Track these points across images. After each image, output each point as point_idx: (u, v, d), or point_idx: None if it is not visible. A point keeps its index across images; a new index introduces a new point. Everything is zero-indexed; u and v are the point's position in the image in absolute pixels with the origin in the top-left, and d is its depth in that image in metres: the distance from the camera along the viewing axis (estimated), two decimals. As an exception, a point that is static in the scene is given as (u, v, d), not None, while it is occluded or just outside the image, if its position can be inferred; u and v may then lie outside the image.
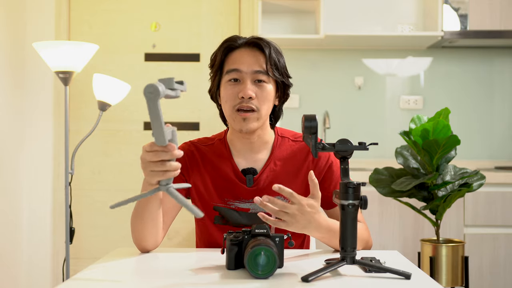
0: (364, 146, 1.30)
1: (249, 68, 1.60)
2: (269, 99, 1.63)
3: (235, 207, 1.64)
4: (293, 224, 1.38)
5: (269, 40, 1.66)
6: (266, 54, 1.61)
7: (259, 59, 1.62)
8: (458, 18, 3.30)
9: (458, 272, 2.26)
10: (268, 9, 3.55)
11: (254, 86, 1.61)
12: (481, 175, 2.29)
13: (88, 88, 3.18)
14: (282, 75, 1.64)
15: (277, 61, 1.63)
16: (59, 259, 3.50)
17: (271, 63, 1.62)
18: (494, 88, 3.65)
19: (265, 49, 1.62)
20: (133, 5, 3.67)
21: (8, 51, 3.21)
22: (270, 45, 1.64)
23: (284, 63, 1.66)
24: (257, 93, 1.60)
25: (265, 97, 1.61)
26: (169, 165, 1.25)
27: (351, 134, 3.59)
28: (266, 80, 1.61)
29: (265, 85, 1.61)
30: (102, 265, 1.41)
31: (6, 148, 3.16)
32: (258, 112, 1.61)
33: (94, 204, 3.63)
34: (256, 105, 1.60)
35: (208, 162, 1.69)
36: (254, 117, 1.61)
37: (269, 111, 1.65)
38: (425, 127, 2.16)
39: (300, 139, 1.72)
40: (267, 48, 1.62)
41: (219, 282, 1.23)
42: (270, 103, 1.64)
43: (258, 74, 1.60)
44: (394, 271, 1.25)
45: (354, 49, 3.65)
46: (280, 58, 1.65)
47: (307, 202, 1.38)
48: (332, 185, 1.67)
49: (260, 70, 1.60)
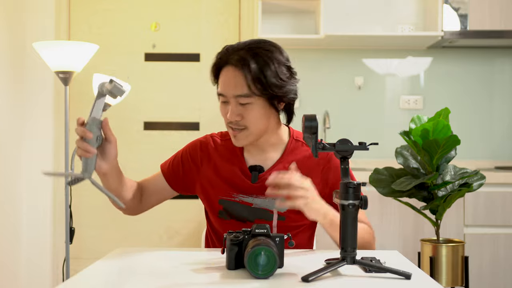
0: (364, 146, 1.30)
1: (231, 92, 1.56)
2: (258, 117, 1.58)
3: (239, 200, 1.64)
4: (309, 198, 1.41)
5: (257, 50, 1.55)
6: (246, 76, 1.53)
7: (240, 80, 1.55)
8: (458, 18, 3.30)
9: (458, 272, 2.26)
10: (268, 9, 3.55)
11: (239, 108, 1.57)
12: (481, 175, 2.29)
13: (88, 88, 3.18)
14: (271, 87, 1.54)
15: (262, 77, 1.53)
16: (59, 259, 3.50)
17: (254, 82, 1.53)
18: (494, 88, 3.65)
19: (244, 70, 1.54)
20: (133, 5, 3.68)
21: (8, 51, 3.21)
22: (254, 59, 1.54)
23: (276, 70, 1.54)
24: (243, 114, 1.57)
25: (252, 117, 1.57)
26: (81, 143, 1.39)
27: (351, 134, 3.59)
28: (251, 101, 1.56)
29: (250, 106, 1.57)
30: (102, 265, 1.41)
31: (6, 148, 3.16)
32: (248, 129, 1.59)
33: (94, 204, 3.63)
34: (245, 124, 1.59)
35: (219, 156, 1.71)
36: (244, 134, 1.60)
37: (265, 125, 1.61)
38: (425, 127, 2.16)
39: None
40: (247, 67, 1.53)
41: (219, 282, 1.23)
42: (261, 120, 1.59)
43: (240, 98, 1.56)
44: (394, 271, 1.25)
45: (354, 49, 3.65)
46: (268, 69, 1.53)
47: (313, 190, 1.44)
48: None
49: (241, 94, 1.55)
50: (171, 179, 1.77)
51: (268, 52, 1.56)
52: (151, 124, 3.66)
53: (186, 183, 1.76)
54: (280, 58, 1.57)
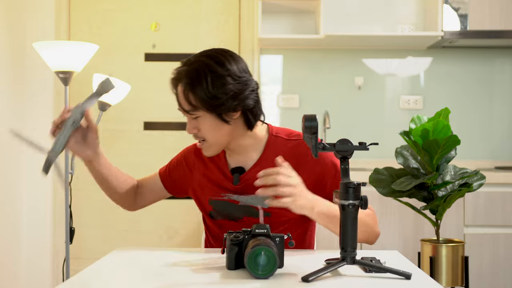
0: (365, 146, 1.30)
1: (180, 108, 1.60)
2: (211, 129, 1.58)
3: (228, 198, 1.65)
4: (296, 199, 1.41)
5: (193, 65, 1.55)
6: (184, 93, 1.55)
7: (181, 97, 1.57)
8: (458, 18, 3.30)
9: (458, 272, 2.26)
10: (268, 9, 3.55)
11: (194, 122, 1.59)
12: (481, 175, 2.29)
13: (88, 88, 3.17)
14: (204, 103, 1.53)
15: (192, 94, 1.54)
16: (59, 259, 3.50)
17: (190, 98, 1.54)
18: (494, 88, 3.65)
19: (180, 87, 1.56)
20: (133, 5, 3.68)
21: (8, 51, 3.21)
22: (186, 76, 1.55)
23: (208, 86, 1.52)
24: (198, 127, 1.59)
25: (206, 129, 1.59)
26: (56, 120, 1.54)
27: (351, 134, 3.59)
28: (199, 115, 1.57)
29: (200, 119, 1.58)
30: (102, 265, 1.41)
31: (6, 148, 3.16)
32: (207, 141, 1.61)
33: (94, 204, 3.63)
34: (202, 136, 1.61)
35: (208, 159, 1.74)
36: (206, 146, 1.63)
37: (222, 135, 1.60)
38: (425, 127, 2.16)
39: (295, 138, 1.69)
40: (181, 85, 1.56)
41: (219, 282, 1.23)
42: (215, 131, 1.59)
43: (187, 113, 1.59)
44: (394, 271, 1.25)
45: (354, 49, 3.65)
46: (198, 85, 1.52)
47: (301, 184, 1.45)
48: (330, 179, 1.65)
49: (187, 110, 1.57)
50: (167, 182, 1.83)
51: (204, 66, 1.54)
52: (151, 124, 3.66)
53: (181, 186, 1.81)
54: (220, 70, 1.54)
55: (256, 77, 3.62)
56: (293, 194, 1.41)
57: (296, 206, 1.43)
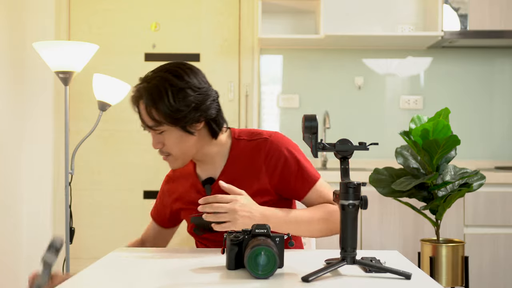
0: (364, 146, 1.30)
1: (144, 125, 1.60)
2: (177, 142, 1.59)
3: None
4: (237, 220, 1.45)
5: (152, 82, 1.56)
6: (147, 109, 1.56)
7: (144, 113, 1.58)
8: (458, 18, 3.30)
9: (458, 272, 2.26)
10: (268, 9, 3.55)
11: (158, 136, 1.60)
12: (481, 175, 2.29)
13: (88, 88, 3.17)
14: (167, 117, 1.54)
15: (155, 109, 1.55)
16: (59, 259, 3.50)
17: (153, 114, 1.55)
18: (494, 88, 3.65)
19: (142, 104, 1.57)
20: (133, 5, 3.68)
21: (8, 51, 3.21)
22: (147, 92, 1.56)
23: (169, 100, 1.53)
24: (163, 141, 1.60)
25: (171, 143, 1.60)
26: None
27: (351, 134, 3.59)
28: (163, 129, 1.58)
29: (165, 133, 1.59)
30: (102, 265, 1.41)
31: (6, 148, 3.16)
32: (172, 155, 1.62)
33: (94, 204, 3.63)
34: (167, 151, 1.62)
35: (181, 178, 1.78)
36: (172, 159, 1.64)
37: (188, 147, 1.61)
38: (425, 127, 2.16)
39: (256, 138, 1.68)
40: (143, 102, 1.57)
41: (219, 282, 1.23)
42: (181, 144, 1.60)
43: (151, 129, 1.59)
44: (394, 271, 1.25)
45: (354, 49, 3.65)
46: (160, 100, 1.53)
47: (240, 197, 1.47)
48: (292, 175, 1.65)
49: (151, 126, 1.58)
50: (163, 223, 1.86)
51: (164, 81, 1.56)
52: (151, 124, 3.66)
53: (174, 217, 1.84)
54: (180, 83, 1.56)
55: (256, 77, 3.62)
56: (230, 219, 1.45)
57: (239, 227, 1.46)
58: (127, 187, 3.62)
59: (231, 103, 3.65)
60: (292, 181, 1.64)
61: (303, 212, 1.60)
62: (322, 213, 1.61)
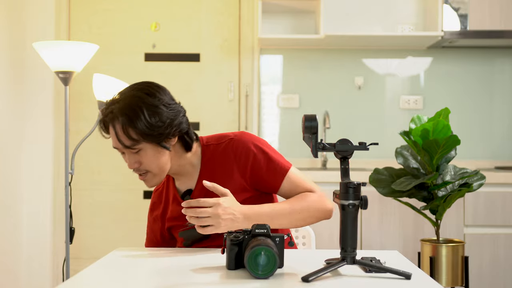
0: (364, 146, 1.30)
1: (120, 146, 1.60)
2: (154, 158, 1.61)
3: (191, 226, 1.66)
4: (220, 224, 1.46)
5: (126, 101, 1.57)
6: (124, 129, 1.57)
7: (121, 134, 1.58)
8: (458, 18, 3.30)
9: (458, 272, 2.26)
10: (268, 9, 3.55)
11: (134, 156, 1.61)
12: (481, 175, 2.29)
13: (88, 88, 3.18)
14: (146, 134, 1.56)
15: (133, 128, 1.56)
16: (59, 259, 3.50)
17: (131, 133, 1.56)
18: (494, 88, 3.65)
19: (119, 125, 1.57)
20: (133, 5, 3.68)
21: (8, 51, 3.21)
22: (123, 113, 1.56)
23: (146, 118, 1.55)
24: (140, 160, 1.61)
25: (148, 160, 1.61)
26: None
27: (351, 134, 3.59)
28: (140, 147, 1.59)
29: (142, 151, 1.60)
30: (102, 265, 1.41)
31: (6, 148, 3.16)
32: (150, 172, 1.63)
33: (94, 204, 3.63)
34: (145, 169, 1.63)
35: (163, 194, 1.79)
36: (149, 177, 1.65)
37: (164, 162, 1.63)
38: (425, 127, 2.16)
39: (223, 140, 1.71)
40: (119, 122, 1.57)
41: (219, 282, 1.24)
42: (158, 159, 1.62)
43: (128, 148, 1.59)
44: (394, 271, 1.25)
45: (354, 49, 3.65)
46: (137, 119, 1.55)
47: (222, 199, 1.48)
48: (262, 168, 1.66)
49: (128, 145, 1.58)
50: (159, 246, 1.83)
51: (138, 99, 1.58)
52: (151, 124, 3.66)
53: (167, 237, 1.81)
54: (153, 101, 1.58)
55: (256, 77, 3.62)
56: (213, 223, 1.46)
57: (222, 230, 1.48)
58: (127, 187, 3.62)
59: (231, 103, 3.65)
60: (264, 174, 1.67)
61: (284, 205, 1.62)
62: (301, 202, 1.63)
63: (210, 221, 1.46)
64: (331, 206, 1.67)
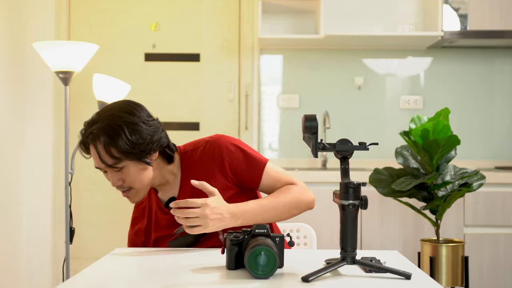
0: (364, 146, 1.30)
1: (102, 165, 1.61)
2: (137, 174, 1.63)
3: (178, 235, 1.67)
4: (208, 224, 1.48)
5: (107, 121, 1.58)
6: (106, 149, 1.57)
7: (103, 153, 1.58)
8: (458, 18, 3.30)
9: (458, 272, 2.26)
10: (268, 9, 3.55)
11: (117, 174, 1.62)
12: (481, 175, 2.29)
13: (88, 88, 3.18)
14: (128, 152, 1.58)
15: (115, 147, 1.57)
16: (59, 259, 3.50)
17: (113, 152, 1.57)
18: (494, 88, 3.65)
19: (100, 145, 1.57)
20: (133, 5, 3.68)
21: (8, 51, 3.21)
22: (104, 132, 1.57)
23: (128, 136, 1.57)
24: (123, 177, 1.63)
25: (131, 177, 1.62)
26: None
27: (351, 134, 3.59)
28: (123, 165, 1.60)
29: (125, 169, 1.61)
30: (102, 265, 1.41)
31: (6, 148, 3.16)
32: (134, 188, 1.65)
33: (94, 204, 3.63)
34: (128, 185, 1.64)
35: (147, 208, 1.79)
36: (133, 193, 1.67)
37: (147, 176, 1.65)
38: (425, 127, 2.16)
39: (199, 145, 1.72)
40: (100, 142, 1.57)
41: (219, 282, 1.24)
42: (141, 175, 1.63)
43: (110, 167, 1.60)
44: (394, 271, 1.25)
45: (354, 49, 3.65)
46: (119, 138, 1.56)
47: (210, 200, 1.49)
48: (240, 164, 1.68)
49: (110, 164, 1.59)
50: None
51: (117, 118, 1.59)
52: (151, 124, 3.66)
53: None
54: (133, 119, 1.60)
55: (256, 77, 3.62)
56: (201, 223, 1.48)
57: (210, 230, 1.50)
58: (127, 187, 3.61)
59: (231, 103, 3.65)
60: (244, 170, 1.69)
61: (268, 199, 1.65)
62: (285, 195, 1.66)
63: (198, 222, 1.47)
64: (313, 196, 1.71)
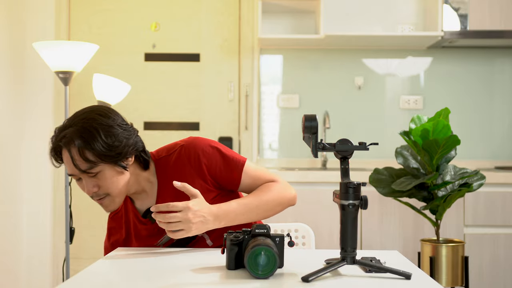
0: (364, 146, 1.30)
1: (76, 171, 1.56)
2: (113, 179, 1.58)
3: (162, 245, 1.65)
4: (191, 228, 1.46)
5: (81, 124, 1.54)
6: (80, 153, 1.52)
7: (77, 158, 1.53)
8: (458, 18, 3.30)
9: (458, 272, 2.26)
10: (268, 9, 3.55)
11: (92, 180, 1.57)
12: (481, 175, 2.29)
13: (88, 88, 3.18)
14: (105, 156, 1.53)
15: (90, 150, 1.52)
16: (59, 259, 3.50)
17: (89, 156, 1.53)
18: (494, 88, 3.65)
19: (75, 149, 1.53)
20: (133, 5, 3.68)
21: (8, 51, 3.21)
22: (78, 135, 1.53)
23: (103, 138, 1.53)
24: (99, 184, 1.58)
25: (107, 183, 1.57)
26: None
27: (351, 134, 3.59)
28: (98, 170, 1.55)
29: (100, 174, 1.56)
30: (102, 265, 1.41)
31: (6, 148, 3.16)
32: (110, 195, 1.60)
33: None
34: (105, 192, 1.59)
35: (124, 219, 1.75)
36: (109, 200, 1.61)
37: (123, 182, 1.60)
38: (425, 127, 2.16)
39: (173, 150, 1.69)
40: (75, 146, 1.53)
41: (219, 282, 1.24)
42: (117, 180, 1.59)
43: (85, 173, 1.55)
44: (394, 271, 1.25)
45: (354, 49, 3.65)
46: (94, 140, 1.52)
47: (192, 203, 1.47)
48: (218, 166, 1.66)
49: (85, 169, 1.54)
50: None
51: (92, 121, 1.55)
52: (151, 124, 3.66)
53: None
54: (108, 121, 1.57)
55: (256, 77, 3.62)
56: (184, 227, 1.46)
57: (193, 233, 1.48)
58: (127, 187, 3.61)
59: (231, 103, 3.65)
60: (222, 171, 1.66)
61: (250, 198, 1.63)
62: (267, 193, 1.64)
63: (180, 226, 1.45)
64: (294, 192, 1.71)
